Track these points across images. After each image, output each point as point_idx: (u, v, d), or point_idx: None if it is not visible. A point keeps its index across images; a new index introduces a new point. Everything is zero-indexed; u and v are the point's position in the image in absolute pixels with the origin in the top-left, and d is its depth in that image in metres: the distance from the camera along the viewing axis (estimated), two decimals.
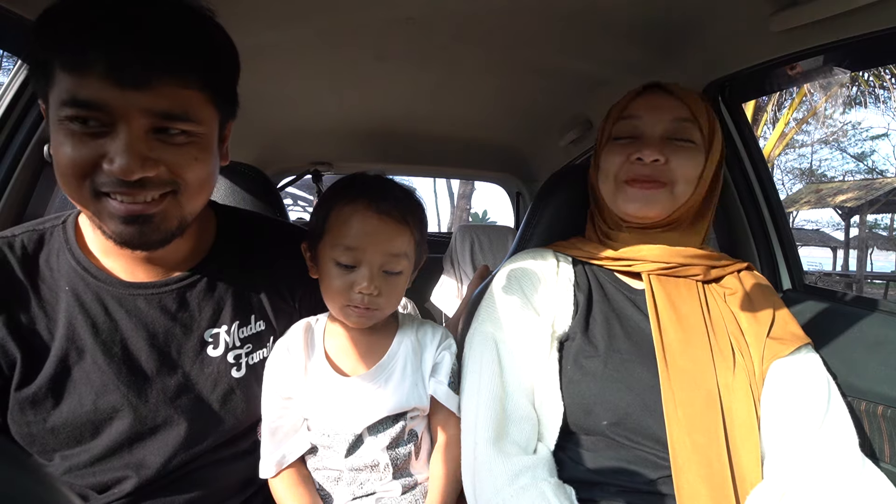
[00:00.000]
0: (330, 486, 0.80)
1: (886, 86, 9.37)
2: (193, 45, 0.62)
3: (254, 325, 0.82)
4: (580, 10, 1.06)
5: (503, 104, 1.77)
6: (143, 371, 0.73)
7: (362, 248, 0.76)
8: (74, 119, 0.60)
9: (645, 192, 0.85)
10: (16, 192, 1.02)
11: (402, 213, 0.78)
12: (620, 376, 0.77)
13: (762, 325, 0.81)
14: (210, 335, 0.78)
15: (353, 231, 0.76)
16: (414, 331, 0.87)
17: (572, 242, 0.95)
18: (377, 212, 0.76)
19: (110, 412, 0.70)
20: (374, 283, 0.76)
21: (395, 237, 0.77)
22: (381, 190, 0.79)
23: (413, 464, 0.82)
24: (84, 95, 0.58)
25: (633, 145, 0.87)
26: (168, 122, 0.62)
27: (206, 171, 0.68)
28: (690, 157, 0.85)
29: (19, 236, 0.74)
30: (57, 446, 0.70)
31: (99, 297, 0.73)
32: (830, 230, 17.68)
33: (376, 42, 1.25)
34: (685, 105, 0.87)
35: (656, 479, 0.74)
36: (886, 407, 0.83)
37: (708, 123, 0.88)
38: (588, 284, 0.89)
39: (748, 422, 0.73)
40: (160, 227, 0.67)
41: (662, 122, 0.86)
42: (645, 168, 0.85)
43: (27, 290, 0.71)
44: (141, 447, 0.72)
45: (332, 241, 0.77)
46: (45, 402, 0.69)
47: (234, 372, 0.78)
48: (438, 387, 0.83)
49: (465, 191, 14.56)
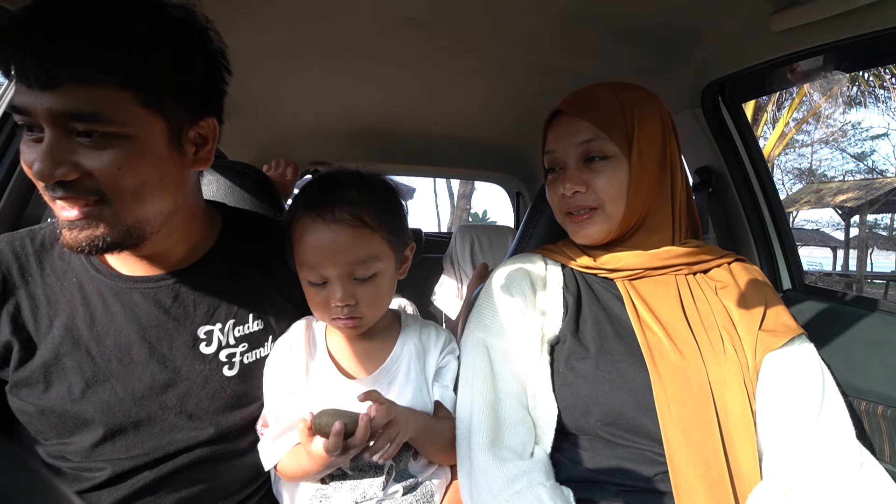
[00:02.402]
0: (332, 488, 0.80)
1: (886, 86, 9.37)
2: (105, 40, 0.58)
3: (251, 324, 0.82)
4: (580, 10, 1.06)
5: (503, 104, 1.77)
6: (133, 363, 0.73)
7: (322, 265, 0.73)
8: (23, 126, 0.62)
9: (580, 223, 0.88)
10: (16, 193, 1.02)
11: (357, 215, 0.73)
12: (612, 376, 0.77)
13: (754, 318, 0.80)
14: (203, 332, 0.78)
15: (308, 248, 0.74)
16: (417, 333, 0.86)
17: (559, 247, 0.95)
18: (325, 223, 0.73)
19: (98, 402, 0.71)
20: (347, 293, 0.74)
21: (354, 243, 0.73)
22: (328, 196, 0.75)
23: (412, 464, 0.82)
24: (16, 101, 0.60)
25: (559, 178, 0.89)
26: (79, 122, 0.59)
27: (137, 179, 0.64)
28: (611, 175, 0.84)
29: (44, 229, 0.78)
30: (47, 431, 0.72)
31: (100, 290, 0.75)
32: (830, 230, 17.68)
33: (376, 42, 1.25)
34: (589, 123, 0.84)
35: (653, 475, 0.74)
36: (886, 407, 0.83)
37: (624, 124, 0.84)
38: (577, 286, 0.89)
39: (743, 417, 0.73)
40: (103, 234, 0.65)
41: (571, 149, 0.86)
42: (570, 200, 0.87)
43: (37, 279, 0.74)
44: (123, 439, 0.72)
45: (298, 261, 0.77)
46: (36, 385, 0.71)
47: (225, 370, 0.78)
48: (445, 392, 0.83)
49: (465, 191, 14.57)
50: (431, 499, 0.81)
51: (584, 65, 1.31)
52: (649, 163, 0.85)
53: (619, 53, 1.23)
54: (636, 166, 0.84)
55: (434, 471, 0.85)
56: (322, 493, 0.80)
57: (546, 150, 0.92)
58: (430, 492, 0.82)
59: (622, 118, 0.84)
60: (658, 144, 0.86)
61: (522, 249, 1.08)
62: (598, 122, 0.84)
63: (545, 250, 0.96)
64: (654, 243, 0.88)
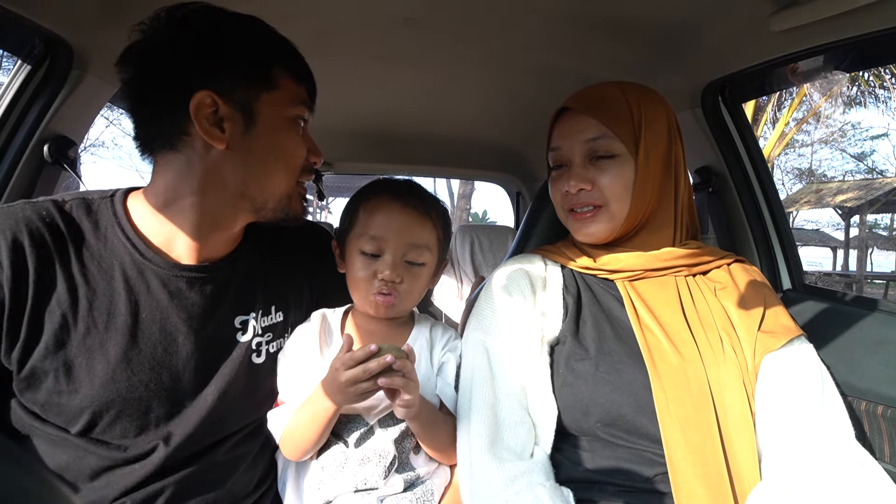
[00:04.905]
0: (334, 471, 0.81)
1: (886, 86, 9.37)
2: None
3: (274, 315, 0.86)
4: (580, 10, 1.06)
5: (503, 104, 1.77)
6: (177, 351, 0.75)
7: (385, 238, 0.81)
8: (300, 118, 0.78)
9: (584, 221, 0.87)
10: (16, 193, 1.02)
11: (426, 207, 0.84)
12: (612, 378, 0.77)
13: (753, 319, 0.80)
14: (240, 322, 0.81)
15: (378, 222, 0.82)
16: (428, 329, 0.90)
17: (559, 247, 0.95)
18: (401, 204, 0.82)
19: (139, 386, 0.72)
20: (396, 271, 0.80)
21: (418, 228, 0.83)
22: (406, 187, 0.86)
23: (413, 458, 0.83)
24: (306, 99, 0.79)
25: (563, 176, 0.88)
26: None
27: None
28: (617, 173, 0.84)
29: (69, 202, 0.75)
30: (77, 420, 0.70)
31: (143, 274, 0.74)
32: (830, 230, 17.68)
33: (376, 42, 1.25)
34: (596, 121, 0.84)
35: (653, 476, 0.74)
36: (886, 407, 0.83)
37: (632, 123, 0.84)
38: (577, 288, 0.88)
39: (742, 417, 0.73)
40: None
41: (578, 147, 0.86)
42: (575, 198, 0.87)
43: (69, 252, 0.71)
44: (166, 424, 0.74)
45: (359, 232, 0.83)
46: (76, 369, 0.69)
47: (254, 358, 0.82)
48: (446, 388, 0.85)
49: (465, 191, 14.56)
50: (431, 497, 0.82)
51: (584, 65, 1.31)
52: (655, 163, 0.85)
53: (619, 53, 1.23)
54: (642, 166, 0.83)
55: (435, 469, 0.86)
56: (323, 478, 0.81)
57: (551, 146, 0.92)
58: (430, 490, 0.83)
59: (630, 117, 0.84)
60: (664, 145, 0.86)
61: (522, 250, 1.09)
62: (605, 120, 0.84)
63: (545, 251, 0.96)
64: (655, 244, 0.88)
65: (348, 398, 0.73)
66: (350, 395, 0.72)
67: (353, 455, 0.80)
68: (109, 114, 10.33)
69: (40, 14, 0.91)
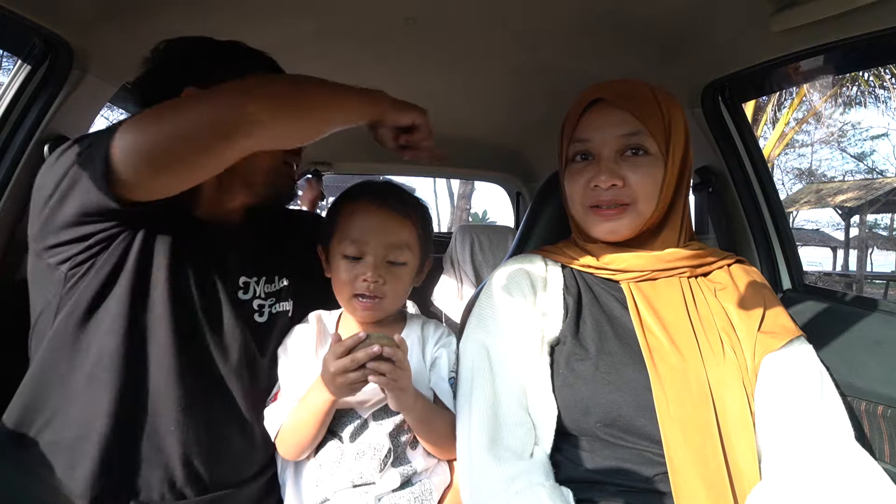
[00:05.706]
0: (331, 467, 0.81)
1: (886, 86, 9.36)
2: None
3: (277, 283, 0.92)
4: (580, 10, 1.06)
5: (503, 104, 1.77)
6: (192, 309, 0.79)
7: (365, 240, 0.82)
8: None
9: (609, 218, 0.84)
10: (16, 192, 1.02)
11: (404, 207, 0.85)
12: (612, 378, 0.77)
13: (753, 320, 0.80)
14: (243, 281, 0.87)
15: (357, 225, 0.83)
16: (419, 326, 0.91)
17: (560, 247, 0.94)
18: (378, 205, 0.84)
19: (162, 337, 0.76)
20: (377, 272, 0.81)
21: (397, 229, 0.84)
22: (383, 189, 0.88)
23: (409, 452, 0.84)
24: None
25: (589, 169, 0.84)
26: None
27: None
28: (648, 172, 0.82)
29: None
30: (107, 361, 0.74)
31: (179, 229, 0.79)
32: (830, 230, 17.67)
33: (376, 42, 1.26)
34: (632, 115, 0.82)
35: (653, 476, 0.74)
36: (886, 407, 0.83)
37: (663, 123, 0.83)
38: (577, 288, 0.88)
39: (742, 418, 0.73)
40: None
41: (612, 141, 0.83)
42: (604, 193, 0.83)
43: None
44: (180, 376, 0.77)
45: (340, 236, 0.84)
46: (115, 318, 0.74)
47: (256, 317, 0.87)
48: (440, 383, 0.85)
49: (465, 191, 14.56)
50: (430, 497, 0.83)
51: (584, 65, 1.31)
52: (679, 163, 0.84)
53: (619, 53, 1.23)
54: (670, 166, 0.83)
55: (433, 467, 0.86)
56: (321, 475, 0.81)
57: (577, 138, 0.87)
58: (429, 489, 0.83)
59: (660, 116, 0.83)
60: (684, 146, 0.85)
61: (522, 250, 1.08)
62: (641, 116, 0.82)
63: (545, 251, 0.95)
64: (660, 244, 0.87)
65: (340, 389, 0.73)
66: (341, 386, 0.72)
67: (349, 450, 0.80)
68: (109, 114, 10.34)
69: (40, 14, 0.91)
